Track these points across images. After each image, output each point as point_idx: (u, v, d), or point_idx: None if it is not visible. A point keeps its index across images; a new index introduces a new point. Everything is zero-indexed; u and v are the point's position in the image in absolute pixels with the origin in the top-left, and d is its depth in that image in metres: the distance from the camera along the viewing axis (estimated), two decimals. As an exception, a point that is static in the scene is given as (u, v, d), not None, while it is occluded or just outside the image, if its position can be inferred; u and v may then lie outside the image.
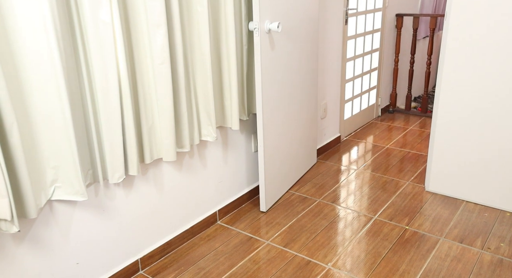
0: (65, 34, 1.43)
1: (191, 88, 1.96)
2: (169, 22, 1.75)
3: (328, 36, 3.02)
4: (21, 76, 1.34)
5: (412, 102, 4.21)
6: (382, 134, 3.62)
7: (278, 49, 2.29)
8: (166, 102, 1.78)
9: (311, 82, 2.75)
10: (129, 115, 1.65)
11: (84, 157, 1.59)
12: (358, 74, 3.59)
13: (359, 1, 3.33)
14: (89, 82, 1.54)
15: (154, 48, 1.70)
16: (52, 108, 1.41)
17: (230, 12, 2.00)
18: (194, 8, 1.87)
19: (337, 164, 3.07)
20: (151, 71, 1.74)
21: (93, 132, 1.59)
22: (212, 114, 2.04)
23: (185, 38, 1.88)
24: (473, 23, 2.20)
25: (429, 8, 4.32)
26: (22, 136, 1.36)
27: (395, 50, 3.95)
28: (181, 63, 1.82)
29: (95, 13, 1.46)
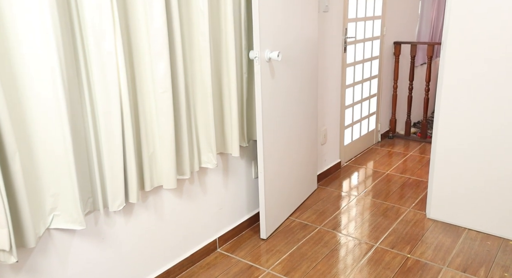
0: (69, 63, 1.46)
1: (192, 116, 1.98)
2: (171, 51, 1.79)
3: (327, 63, 3.07)
4: (23, 104, 1.36)
5: (411, 128, 4.24)
6: (382, 160, 3.63)
7: (278, 77, 2.32)
8: (168, 130, 1.79)
9: (311, 108, 2.77)
10: (130, 143, 1.66)
11: (84, 184, 1.59)
12: (357, 100, 3.63)
13: (357, 29, 3.40)
14: (91, 110, 1.56)
15: (156, 77, 1.73)
16: (53, 135, 1.42)
17: (231, 42, 2.04)
18: (196, 38, 1.91)
19: (337, 190, 3.06)
20: (153, 100, 1.76)
21: (94, 160, 1.59)
22: (212, 141, 2.05)
23: (187, 67, 1.91)
24: (470, 50, 2.25)
25: (426, 36, 4.41)
26: (23, 163, 1.37)
27: (394, 76, 4.00)
28: (182, 92, 1.85)
29: (99, 44, 1.50)
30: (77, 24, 1.47)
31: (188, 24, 1.89)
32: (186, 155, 1.93)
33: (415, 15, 4.22)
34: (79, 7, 1.46)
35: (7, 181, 1.32)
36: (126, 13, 1.64)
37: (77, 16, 1.47)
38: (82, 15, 1.47)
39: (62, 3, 1.41)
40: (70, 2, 1.45)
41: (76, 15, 1.47)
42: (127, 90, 1.61)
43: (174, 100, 1.84)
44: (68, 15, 1.45)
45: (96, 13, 1.47)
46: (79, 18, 1.47)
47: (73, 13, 1.46)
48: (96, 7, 1.47)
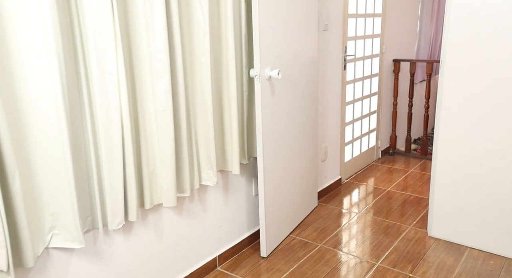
0: (71, 82, 1.47)
1: (192, 133, 1.99)
2: (172, 70, 1.81)
3: (327, 81, 3.10)
4: (24, 122, 1.37)
5: (411, 145, 4.24)
6: (383, 177, 3.62)
7: (279, 95, 2.34)
8: (168, 148, 1.80)
9: (311, 125, 2.78)
10: (130, 161, 1.66)
11: (84, 203, 1.58)
12: (357, 117, 3.64)
13: (357, 47, 3.43)
14: (92, 128, 1.57)
15: (157, 95, 1.74)
16: (53, 153, 1.42)
17: (231, 60, 2.06)
18: (197, 56, 1.93)
19: (338, 207, 3.05)
20: (154, 118, 1.77)
21: (94, 178, 1.59)
22: (213, 159, 2.05)
23: (188, 85, 1.93)
24: (468, 68, 2.26)
25: (425, 53, 4.45)
26: (22, 182, 1.37)
27: (393, 93, 4.02)
28: (183, 110, 1.86)
29: (101, 63, 1.52)
30: (80, 43, 1.49)
31: (189, 43, 1.91)
32: (187, 173, 1.93)
33: (414, 33, 4.27)
34: (81, 26, 1.48)
35: (7, 200, 1.32)
36: (128, 32, 1.66)
37: (80, 35, 1.49)
38: (84, 35, 1.49)
39: (65, 22, 1.43)
40: (73, 21, 1.47)
41: (78, 34, 1.49)
42: (128, 109, 1.62)
43: (174, 118, 1.85)
44: (70, 34, 1.47)
45: (98, 32, 1.49)
46: (82, 37, 1.49)
47: (75, 32, 1.48)
48: (98, 27, 1.49)
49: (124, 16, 1.63)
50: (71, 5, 1.45)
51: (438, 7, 4.43)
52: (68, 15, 1.45)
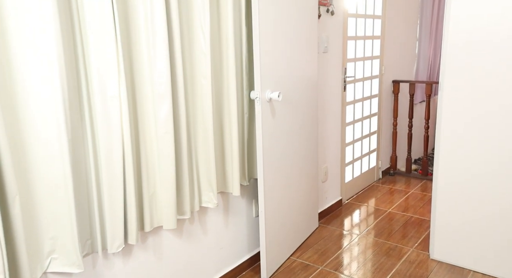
0: (73, 105, 1.48)
1: (193, 155, 1.99)
2: (174, 93, 1.82)
3: (327, 102, 3.12)
4: (25, 145, 1.37)
5: (412, 165, 4.23)
6: (384, 197, 3.60)
7: (279, 116, 2.35)
8: (169, 170, 1.80)
9: (311, 146, 2.79)
10: (131, 183, 1.66)
11: (84, 226, 1.58)
12: (358, 137, 3.65)
13: (356, 69, 3.47)
14: (93, 152, 1.58)
15: (158, 118, 1.75)
16: (54, 177, 1.42)
17: (232, 82, 2.08)
18: (198, 79, 1.95)
19: (339, 229, 3.03)
20: (155, 141, 1.78)
21: (94, 201, 1.59)
22: (213, 181, 2.05)
23: (189, 108, 1.94)
24: (467, 92, 2.28)
25: (424, 74, 4.49)
26: (22, 206, 1.36)
27: (393, 114, 4.04)
28: (184, 132, 1.87)
29: (103, 88, 1.53)
30: (83, 67, 1.51)
31: (191, 66, 1.93)
32: (187, 195, 1.93)
33: (413, 55, 4.32)
34: (85, 50, 1.51)
35: (6, 225, 1.31)
36: (130, 55, 1.68)
37: (83, 59, 1.51)
38: (87, 59, 1.51)
39: (68, 45, 1.45)
40: (77, 44, 1.49)
41: (81, 58, 1.51)
42: (129, 132, 1.63)
43: (175, 140, 1.86)
44: (74, 59, 1.49)
45: (101, 56, 1.52)
46: (85, 62, 1.52)
47: (78, 56, 1.50)
48: (101, 51, 1.51)
49: (126, 40, 1.66)
50: (75, 30, 1.48)
51: (436, 29, 4.49)
52: (72, 41, 1.48)
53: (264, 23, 2.13)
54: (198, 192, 2.04)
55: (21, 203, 1.33)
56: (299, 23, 2.47)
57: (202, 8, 1.88)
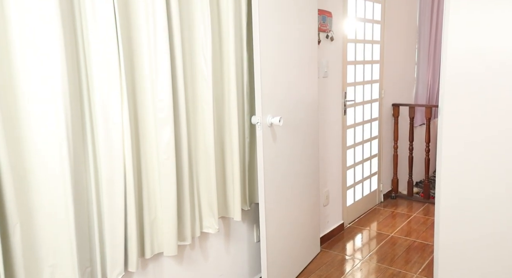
0: (76, 131, 1.49)
1: (194, 181, 1.99)
2: (176, 119, 1.84)
3: (328, 126, 3.14)
4: (28, 173, 1.38)
5: (414, 188, 4.22)
6: (386, 221, 3.57)
7: (280, 141, 2.36)
8: (170, 196, 1.79)
9: (312, 170, 2.79)
10: (132, 210, 1.66)
11: (84, 254, 1.56)
12: (358, 161, 3.65)
13: (356, 93, 3.51)
14: (95, 179, 1.58)
15: (160, 144, 1.76)
16: (56, 204, 1.42)
17: (233, 108, 2.10)
18: (200, 105, 1.97)
19: (341, 253, 2.99)
20: (156, 166, 1.78)
21: (95, 229, 1.58)
22: (214, 206, 2.04)
23: (190, 133, 1.96)
24: (467, 113, 2.30)
25: (423, 97, 4.53)
26: (23, 233, 1.36)
27: (394, 137, 4.06)
28: (185, 157, 1.87)
29: (106, 114, 1.55)
30: (86, 93, 1.54)
31: (193, 91, 1.96)
32: (188, 221, 1.92)
33: (412, 78, 4.37)
34: (88, 78, 1.53)
35: (6, 253, 1.30)
36: (133, 82, 1.71)
37: (86, 84, 1.53)
38: (91, 84, 1.53)
39: (72, 71, 1.47)
40: (81, 70, 1.52)
41: (85, 84, 1.53)
42: (131, 158, 1.64)
43: (177, 166, 1.86)
44: (77, 84, 1.51)
45: (104, 83, 1.54)
46: (88, 87, 1.54)
47: (82, 82, 1.53)
48: (104, 76, 1.54)
49: (129, 67, 1.69)
50: (79, 57, 1.51)
51: (434, 53, 4.56)
52: (76, 67, 1.50)
53: (265, 49, 2.17)
54: (199, 217, 2.03)
55: (21, 230, 1.33)
56: (300, 49, 2.51)
57: (204, 34, 1.92)
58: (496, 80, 2.18)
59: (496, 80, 2.18)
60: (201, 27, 1.91)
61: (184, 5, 1.87)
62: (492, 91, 2.20)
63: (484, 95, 2.23)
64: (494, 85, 2.19)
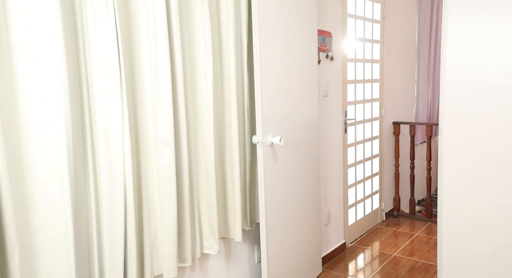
0: (77, 152, 1.49)
1: (195, 201, 1.98)
2: (177, 139, 1.84)
3: (328, 144, 3.14)
4: (28, 195, 1.37)
5: (416, 206, 4.19)
6: (388, 240, 3.53)
7: (281, 160, 2.36)
8: (170, 217, 1.78)
9: (313, 189, 2.77)
10: (132, 231, 1.64)
11: (82, 277, 1.54)
12: (360, 179, 3.64)
13: (356, 111, 3.52)
14: (95, 198, 1.57)
15: (161, 164, 1.76)
16: (55, 227, 1.41)
17: (234, 127, 2.11)
18: (201, 125, 1.98)
19: (343, 274, 2.95)
20: (157, 187, 1.77)
21: (94, 251, 1.57)
22: (215, 227, 2.02)
23: (191, 153, 1.96)
24: (467, 132, 2.30)
25: (423, 115, 4.54)
26: (21, 258, 1.34)
27: (395, 155, 4.05)
28: (186, 178, 1.87)
29: (107, 135, 1.55)
30: (88, 113, 1.54)
31: (193, 112, 1.96)
32: (188, 242, 1.90)
33: (412, 96, 4.39)
34: (90, 97, 1.54)
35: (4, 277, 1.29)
36: (134, 103, 1.72)
37: (88, 105, 1.54)
38: (92, 104, 1.54)
39: (74, 92, 1.48)
40: (82, 91, 1.53)
41: (87, 104, 1.54)
42: (132, 179, 1.63)
43: (177, 186, 1.86)
44: (79, 104, 1.52)
45: (105, 102, 1.55)
46: (90, 108, 1.54)
47: (84, 103, 1.53)
48: (105, 97, 1.55)
49: (131, 87, 1.70)
50: (81, 77, 1.52)
51: (433, 71, 4.59)
52: (78, 87, 1.51)
53: (266, 68, 2.18)
54: (199, 238, 2.01)
55: (20, 254, 1.31)
56: (300, 68, 2.53)
57: (205, 54, 1.93)
58: (495, 100, 2.19)
59: (495, 99, 2.19)
60: (201, 46, 1.93)
61: (185, 24, 1.89)
62: (492, 110, 2.21)
63: (483, 114, 2.24)
64: (493, 104, 2.20)
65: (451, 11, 2.25)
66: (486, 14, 2.17)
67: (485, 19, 2.17)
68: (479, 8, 2.18)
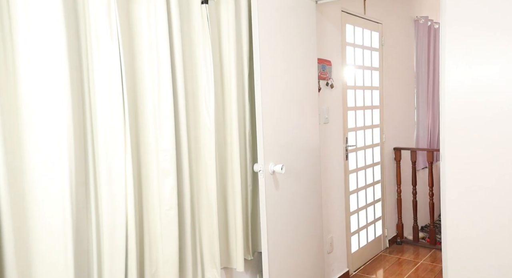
0: (79, 181, 1.50)
1: (196, 231, 1.97)
2: (179, 169, 1.85)
3: (330, 171, 3.13)
4: (29, 224, 1.37)
5: (419, 232, 4.14)
6: (392, 269, 3.48)
7: (282, 188, 2.36)
8: (172, 248, 1.77)
9: (315, 217, 2.75)
10: (133, 261, 1.63)
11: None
12: (362, 206, 3.61)
13: (357, 137, 3.53)
14: (96, 228, 1.57)
15: (162, 194, 1.76)
16: (55, 256, 1.40)
17: (236, 157, 2.12)
18: (203, 155, 1.99)
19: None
20: (158, 217, 1.77)
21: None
22: (217, 257, 2.00)
23: (193, 183, 1.96)
24: (469, 158, 2.30)
25: (424, 141, 4.55)
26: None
27: (396, 181, 4.04)
28: (188, 208, 1.86)
29: (109, 166, 1.56)
30: (90, 143, 1.56)
31: (195, 142, 1.98)
32: (190, 273, 1.88)
33: (412, 122, 4.42)
34: (93, 127, 1.56)
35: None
36: (137, 133, 1.73)
37: (91, 135, 1.56)
38: (95, 135, 1.55)
39: (78, 123, 1.50)
40: (86, 121, 1.55)
41: (90, 134, 1.56)
42: (133, 208, 1.63)
43: (179, 216, 1.85)
44: (82, 134, 1.54)
45: (108, 132, 1.56)
46: (93, 138, 1.56)
47: (87, 133, 1.55)
48: (109, 127, 1.56)
49: (134, 118, 1.72)
50: (85, 109, 1.54)
51: (432, 97, 4.64)
52: (82, 119, 1.53)
53: (267, 97, 2.21)
54: (201, 269, 1.98)
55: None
56: (300, 96, 2.57)
57: (207, 85, 1.97)
58: (489, 126, 2.21)
59: (489, 125, 2.21)
60: (203, 77, 1.96)
61: (187, 55, 1.94)
62: (492, 134, 2.22)
63: (483, 139, 2.25)
64: (487, 130, 2.22)
65: (448, 45, 2.31)
66: (480, 44, 2.22)
67: (479, 49, 2.22)
68: (474, 38, 2.23)
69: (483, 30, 2.21)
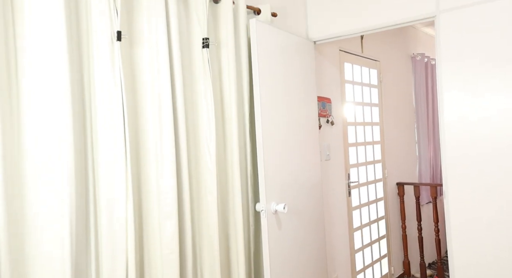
0: (79, 225, 1.49)
1: (198, 274, 1.93)
2: (180, 211, 1.84)
3: (333, 208, 3.11)
4: (27, 263, 1.35)
5: (427, 270, 4.04)
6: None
7: (285, 227, 2.33)
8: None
9: (320, 255, 2.70)
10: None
11: None
12: (367, 243, 3.55)
13: (359, 173, 3.52)
14: (96, 272, 1.54)
15: (163, 237, 1.74)
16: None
17: (238, 197, 2.11)
18: (204, 196, 1.98)
19: None
20: (159, 261, 1.74)
21: None
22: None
23: (194, 224, 1.94)
24: (472, 192, 2.28)
25: (427, 175, 4.53)
26: None
27: (401, 217, 3.99)
28: (189, 250, 1.84)
29: (110, 209, 1.56)
30: (92, 186, 1.56)
31: (197, 183, 1.98)
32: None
33: (414, 156, 4.42)
34: (95, 170, 1.56)
35: None
36: (138, 175, 1.74)
37: (93, 177, 1.56)
38: (97, 178, 1.56)
39: (80, 167, 1.51)
40: (88, 161, 1.56)
41: (91, 177, 1.56)
42: (134, 252, 1.61)
43: (180, 259, 1.82)
44: (84, 178, 1.54)
45: (110, 176, 1.57)
46: (94, 181, 1.56)
47: (88, 176, 1.56)
48: (110, 170, 1.57)
49: (135, 160, 1.73)
50: (87, 147, 1.56)
51: (433, 131, 4.66)
52: (83, 158, 1.55)
53: (268, 136, 2.23)
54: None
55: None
56: (301, 135, 2.59)
57: (208, 126, 1.99)
58: (487, 162, 2.21)
59: (487, 162, 2.21)
60: (204, 117, 1.99)
61: (188, 96, 1.97)
62: (492, 168, 2.22)
63: (484, 173, 2.24)
64: (485, 166, 2.21)
65: (444, 81, 2.35)
66: (475, 80, 2.26)
67: (475, 82, 2.26)
68: (469, 74, 2.28)
69: (478, 66, 2.26)
